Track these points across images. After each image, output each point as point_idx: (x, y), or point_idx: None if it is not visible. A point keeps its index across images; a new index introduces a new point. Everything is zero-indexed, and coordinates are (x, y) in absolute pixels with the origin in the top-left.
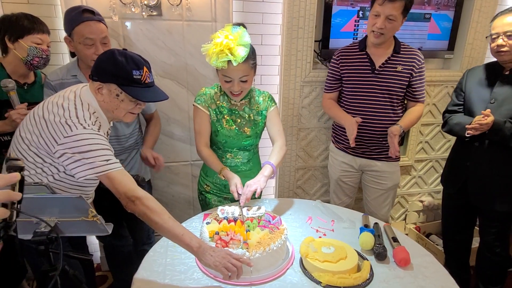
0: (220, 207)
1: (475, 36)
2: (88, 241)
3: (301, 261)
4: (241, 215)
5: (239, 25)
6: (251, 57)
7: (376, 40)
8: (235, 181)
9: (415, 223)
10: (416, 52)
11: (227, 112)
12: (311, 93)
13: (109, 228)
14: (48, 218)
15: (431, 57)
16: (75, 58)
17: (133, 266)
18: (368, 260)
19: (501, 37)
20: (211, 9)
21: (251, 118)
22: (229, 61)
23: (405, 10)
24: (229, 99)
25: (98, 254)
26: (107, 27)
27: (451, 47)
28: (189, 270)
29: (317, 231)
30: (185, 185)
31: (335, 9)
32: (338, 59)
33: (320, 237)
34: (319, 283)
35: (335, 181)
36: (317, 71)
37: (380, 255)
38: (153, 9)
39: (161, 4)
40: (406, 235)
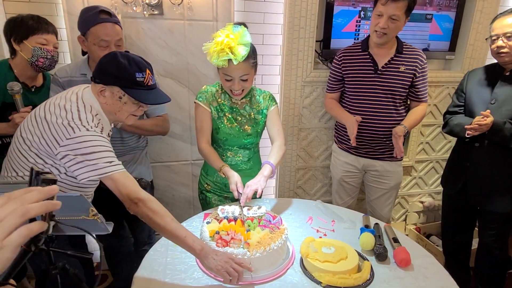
0: (220, 207)
1: (477, 37)
2: (86, 239)
3: (302, 261)
4: (241, 214)
5: (240, 24)
6: (251, 56)
7: (379, 40)
8: (235, 180)
9: (415, 224)
10: (418, 52)
11: (228, 110)
12: (312, 93)
13: (110, 227)
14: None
15: (432, 58)
16: (86, 56)
17: (133, 265)
18: (368, 260)
19: (500, 39)
20: (212, 8)
21: (252, 116)
22: (230, 60)
23: (408, 10)
24: (230, 97)
25: (97, 253)
26: (122, 29)
27: (453, 48)
28: (189, 269)
29: (318, 231)
30: (185, 184)
31: (337, 9)
32: (340, 60)
33: (320, 237)
34: (319, 283)
35: (338, 181)
36: (318, 71)
37: (380, 255)
38: (155, 8)
39: (163, 3)
40: (406, 235)
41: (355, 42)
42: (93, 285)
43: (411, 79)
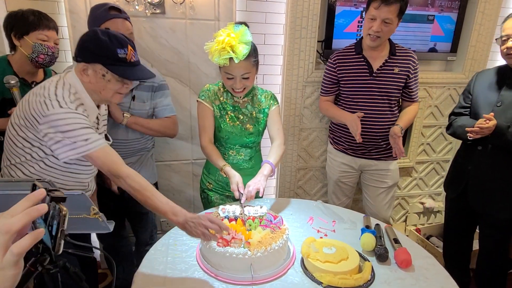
0: (221, 206)
1: (478, 38)
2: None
3: (302, 261)
4: (242, 214)
5: (241, 23)
6: (252, 54)
7: (372, 43)
8: (236, 180)
9: (415, 225)
10: (410, 53)
11: (230, 108)
12: (313, 94)
13: (111, 225)
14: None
15: (434, 59)
16: None
17: (133, 265)
18: (369, 261)
19: (511, 39)
20: (214, 8)
21: (254, 115)
22: (231, 59)
23: (400, 12)
24: (232, 96)
25: (98, 252)
26: (132, 25)
27: (454, 49)
28: (189, 268)
29: (318, 231)
30: (186, 183)
31: (339, 9)
32: (335, 63)
33: (321, 238)
34: (320, 283)
35: (334, 182)
36: (319, 71)
37: (381, 256)
38: (157, 7)
39: (165, 2)
40: (406, 236)
41: (348, 45)
42: (96, 285)
43: (405, 80)
